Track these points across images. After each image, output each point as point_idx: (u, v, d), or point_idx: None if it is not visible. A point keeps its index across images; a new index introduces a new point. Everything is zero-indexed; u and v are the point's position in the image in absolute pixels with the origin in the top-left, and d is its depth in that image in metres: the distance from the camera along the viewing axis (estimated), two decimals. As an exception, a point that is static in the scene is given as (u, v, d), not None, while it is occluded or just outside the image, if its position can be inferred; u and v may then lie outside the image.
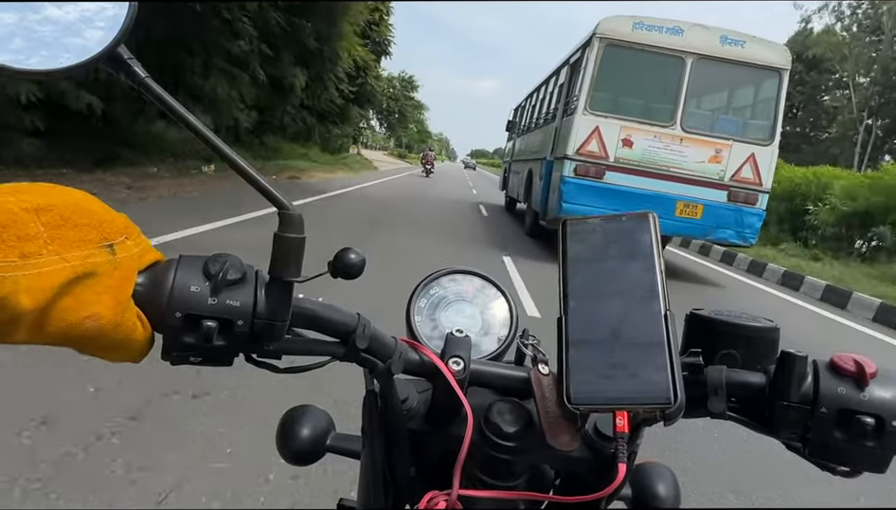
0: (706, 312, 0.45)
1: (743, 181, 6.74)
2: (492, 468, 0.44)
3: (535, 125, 10.48)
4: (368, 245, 6.10)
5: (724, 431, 2.52)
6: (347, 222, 8.06)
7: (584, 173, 6.80)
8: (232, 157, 0.35)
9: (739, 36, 6.66)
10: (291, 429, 0.54)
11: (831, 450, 0.40)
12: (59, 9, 0.34)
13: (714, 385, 0.41)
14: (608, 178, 6.79)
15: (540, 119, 10.05)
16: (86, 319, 0.32)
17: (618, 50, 6.70)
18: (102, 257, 0.32)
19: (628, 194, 6.77)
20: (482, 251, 7.16)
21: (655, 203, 6.77)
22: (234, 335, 0.35)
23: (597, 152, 6.78)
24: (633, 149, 6.76)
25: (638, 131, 6.73)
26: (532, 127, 10.85)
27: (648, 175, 6.77)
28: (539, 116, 10.29)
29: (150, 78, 0.34)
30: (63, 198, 0.32)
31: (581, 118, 6.75)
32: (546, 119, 9.20)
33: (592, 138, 6.77)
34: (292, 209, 0.36)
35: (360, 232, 7.29)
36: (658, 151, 6.74)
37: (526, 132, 11.79)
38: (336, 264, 0.37)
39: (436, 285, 0.55)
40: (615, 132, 6.73)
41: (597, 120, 6.74)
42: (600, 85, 6.80)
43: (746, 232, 6.86)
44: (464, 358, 0.44)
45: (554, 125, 8.21)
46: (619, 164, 6.76)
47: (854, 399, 0.39)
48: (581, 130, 6.77)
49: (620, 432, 0.36)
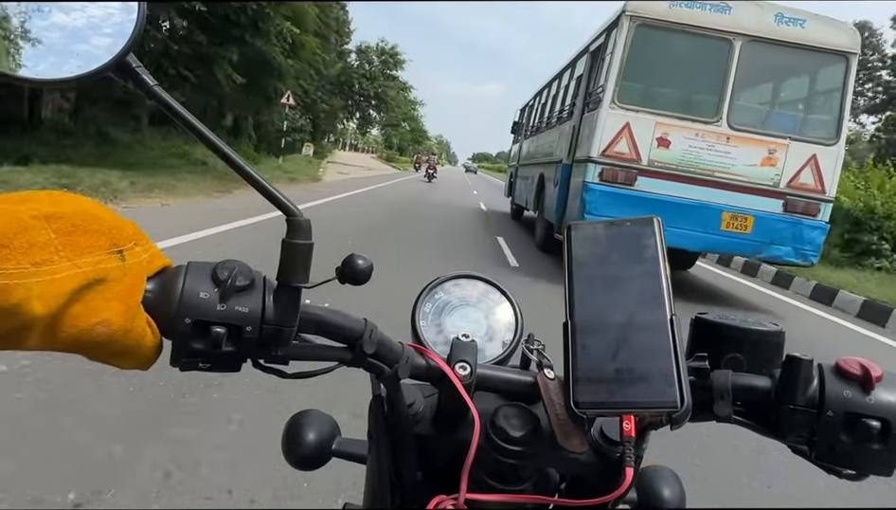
0: (711, 316, 0.46)
1: (803, 188, 5.61)
2: (499, 472, 0.44)
3: (547, 125, 9.33)
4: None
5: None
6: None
7: (612, 178, 5.69)
8: (239, 163, 0.36)
9: (798, 14, 5.54)
10: (296, 434, 0.55)
11: (837, 454, 0.40)
12: (66, 16, 0.34)
13: (720, 389, 0.41)
14: (640, 185, 5.68)
15: (553, 118, 8.91)
16: (97, 325, 0.32)
17: (651, 31, 5.60)
18: (112, 263, 0.33)
19: (664, 204, 5.66)
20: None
21: (697, 214, 5.68)
22: (243, 340, 0.36)
23: (627, 153, 5.67)
24: (670, 149, 5.64)
25: (677, 128, 5.62)
26: (543, 127, 9.72)
27: (688, 181, 5.65)
28: (552, 114, 9.14)
29: (158, 86, 0.34)
30: (73, 205, 0.32)
31: (607, 112, 5.64)
32: (561, 117, 8.07)
33: (621, 137, 5.66)
34: (300, 216, 0.36)
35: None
36: (700, 152, 5.63)
37: (535, 133, 10.64)
38: (344, 270, 0.38)
39: (440, 290, 0.55)
40: (648, 129, 5.62)
41: (627, 116, 5.63)
42: (630, 74, 5.69)
43: (806, 249, 5.73)
44: (470, 363, 0.45)
45: (571, 123, 7.10)
46: (654, 168, 5.65)
47: (860, 402, 0.39)
48: (607, 127, 5.66)
49: (627, 436, 0.37)
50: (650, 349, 0.38)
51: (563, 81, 8.79)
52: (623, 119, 5.64)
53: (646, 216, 0.42)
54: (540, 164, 9.05)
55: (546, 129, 9.34)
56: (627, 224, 0.43)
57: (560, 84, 8.96)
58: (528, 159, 10.93)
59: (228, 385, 2.34)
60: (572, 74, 8.00)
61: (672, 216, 5.69)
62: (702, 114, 5.65)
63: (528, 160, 10.90)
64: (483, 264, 6.36)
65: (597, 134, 5.69)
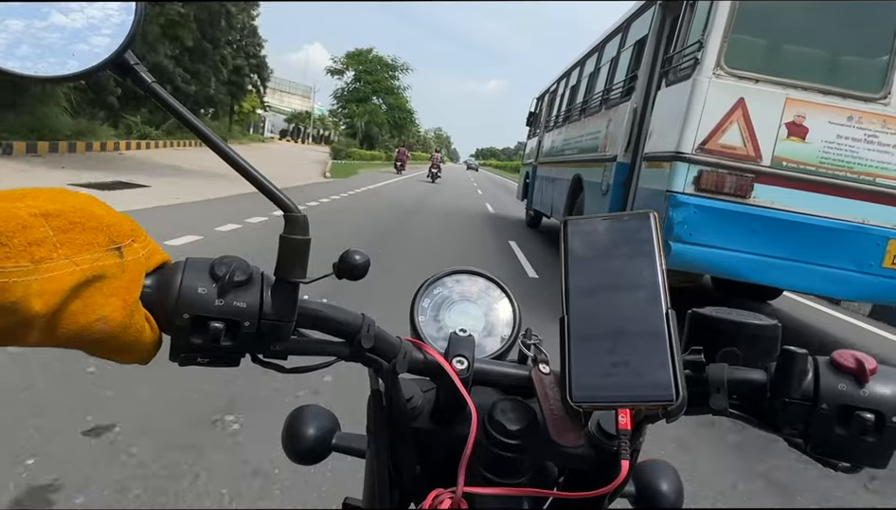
0: (707, 310, 0.45)
1: None
2: (497, 466, 0.44)
3: (583, 111, 7.20)
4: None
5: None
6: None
7: (715, 186, 3.63)
8: (237, 160, 0.36)
9: None
10: (296, 429, 0.55)
11: (832, 446, 0.40)
12: (65, 17, 0.35)
13: (716, 382, 0.41)
14: (759, 196, 3.63)
15: (593, 101, 6.77)
16: (96, 322, 0.32)
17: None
18: (111, 260, 0.33)
19: (795, 227, 3.61)
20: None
21: (847, 244, 3.64)
22: (241, 335, 0.36)
23: (739, 147, 3.62)
24: (807, 142, 3.59)
25: (818, 107, 3.57)
26: (577, 114, 7.59)
27: (833, 192, 3.61)
28: (590, 96, 7.01)
29: (156, 83, 0.35)
30: (71, 202, 0.32)
31: (709, 83, 3.59)
32: (609, 99, 5.96)
33: (730, 121, 3.60)
34: (297, 212, 0.36)
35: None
36: (855, 146, 3.58)
37: (564, 122, 8.49)
38: (341, 266, 0.38)
39: (439, 285, 0.55)
40: (774, 108, 3.58)
41: (740, 88, 3.58)
42: (745, 22, 3.63)
43: None
44: (468, 357, 0.45)
45: (630, 105, 5.01)
46: (782, 170, 3.61)
47: (855, 395, 0.39)
48: (709, 106, 3.60)
49: (623, 430, 0.36)
50: (646, 343, 0.38)
51: (606, 52, 6.67)
52: (734, 94, 3.58)
53: (642, 210, 0.42)
54: (574, 162, 6.95)
55: (582, 116, 7.21)
56: (624, 218, 0.43)
57: (602, 57, 6.84)
58: (553, 156, 8.81)
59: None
60: (623, 40, 5.90)
61: (808, 246, 3.63)
62: (858, 86, 3.59)
63: (552, 157, 8.77)
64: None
65: (690, 117, 3.63)
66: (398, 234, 7.58)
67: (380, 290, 3.33)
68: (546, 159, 9.38)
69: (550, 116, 10.01)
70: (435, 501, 0.42)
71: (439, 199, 15.19)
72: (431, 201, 14.30)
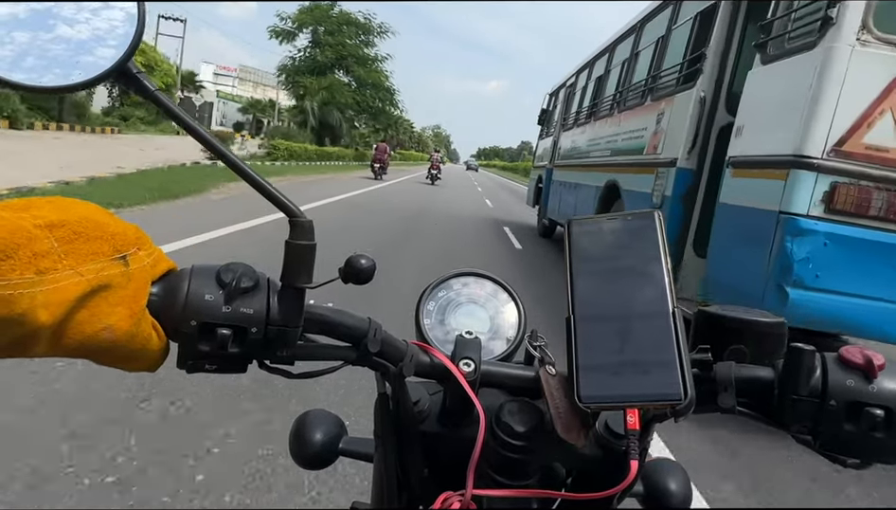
0: (714, 308, 0.45)
1: None
2: (505, 468, 0.43)
3: (617, 105, 6.00)
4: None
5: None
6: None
7: (857, 205, 2.48)
8: (240, 165, 0.36)
9: None
10: (303, 434, 0.55)
11: (841, 443, 0.39)
12: (71, 28, 0.35)
13: (723, 380, 0.40)
14: (919, 222, 2.47)
15: (631, 93, 5.58)
16: (102, 331, 0.32)
17: None
18: (116, 269, 0.33)
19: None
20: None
21: None
22: (248, 342, 0.36)
23: (888, 148, 2.46)
24: None
25: None
26: (606, 109, 6.40)
27: None
28: (627, 86, 5.80)
29: (159, 91, 0.35)
30: (75, 212, 0.33)
31: (851, 53, 2.44)
32: (657, 88, 4.77)
33: (881, 111, 2.44)
34: (302, 216, 0.36)
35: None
36: None
37: (588, 119, 7.26)
38: (347, 270, 0.38)
39: (444, 288, 0.55)
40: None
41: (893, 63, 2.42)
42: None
43: None
44: (475, 360, 0.45)
45: (694, 94, 3.85)
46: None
47: (864, 391, 0.38)
48: (850, 87, 2.45)
49: (632, 430, 0.36)
50: (652, 342, 0.37)
51: (647, 32, 5.49)
52: (890, 69, 2.42)
53: (647, 210, 0.42)
54: (606, 166, 5.80)
55: (616, 111, 6.00)
56: (628, 218, 0.42)
57: (641, 39, 5.65)
58: (574, 158, 7.58)
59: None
60: (675, 14, 4.72)
61: None
62: None
63: (574, 159, 7.56)
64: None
65: (820, 104, 2.47)
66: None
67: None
68: (565, 162, 8.17)
69: (569, 112, 8.72)
70: (444, 504, 0.42)
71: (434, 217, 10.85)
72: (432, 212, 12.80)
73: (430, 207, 12.76)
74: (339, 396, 2.42)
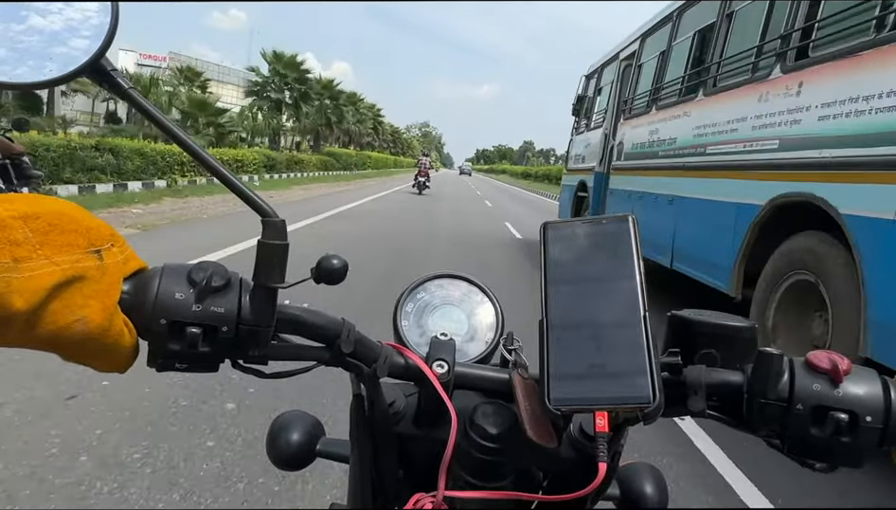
0: (686, 313, 0.45)
1: None
2: (478, 469, 0.43)
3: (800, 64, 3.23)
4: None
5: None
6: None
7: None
8: (214, 165, 0.37)
9: None
10: (280, 436, 0.55)
11: (808, 446, 0.40)
12: (43, 19, 0.34)
13: (694, 384, 0.41)
14: None
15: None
16: (75, 323, 0.32)
17: None
18: (90, 262, 0.33)
19: None
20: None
21: None
22: (219, 341, 0.36)
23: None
24: None
25: None
26: (768, 70, 3.53)
27: None
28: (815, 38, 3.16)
29: (133, 88, 0.35)
30: (49, 207, 0.33)
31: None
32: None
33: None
34: (275, 216, 0.36)
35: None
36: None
37: (689, 97, 4.71)
38: (319, 271, 0.38)
39: (422, 290, 0.55)
40: None
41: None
42: None
43: None
44: (448, 361, 0.45)
45: None
46: None
47: (828, 395, 0.39)
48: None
49: (601, 432, 0.36)
50: (624, 346, 0.38)
51: None
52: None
53: (621, 214, 0.42)
54: (782, 168, 3.22)
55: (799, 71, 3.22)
56: (602, 222, 0.43)
57: None
58: (667, 156, 4.95)
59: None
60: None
61: None
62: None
63: (668, 158, 4.92)
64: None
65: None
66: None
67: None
68: (637, 163, 5.69)
69: (635, 93, 6.04)
70: (416, 505, 0.42)
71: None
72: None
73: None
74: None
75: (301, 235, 7.40)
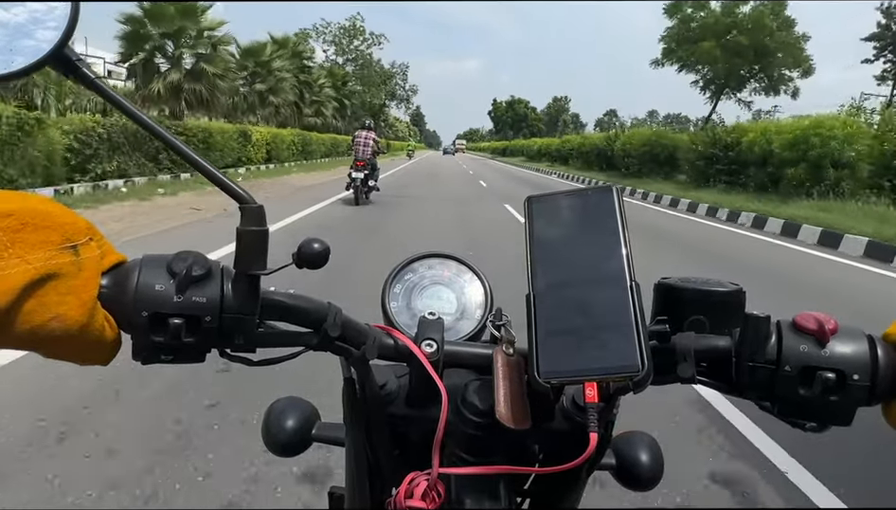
0: (673, 280, 0.45)
1: None
2: (472, 446, 0.44)
3: None
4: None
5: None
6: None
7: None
8: (188, 153, 0.37)
9: None
10: (276, 421, 0.55)
11: (797, 407, 0.40)
12: (6, 12, 0.34)
13: (683, 351, 0.41)
14: None
15: None
16: (51, 321, 0.32)
17: None
18: (65, 258, 0.33)
19: None
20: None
21: None
22: (202, 331, 0.36)
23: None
24: None
25: None
26: None
27: None
28: None
29: (100, 78, 0.35)
30: (22, 203, 0.32)
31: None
32: None
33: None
34: (253, 202, 0.36)
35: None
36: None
37: None
38: (301, 255, 0.38)
39: (409, 271, 0.55)
40: None
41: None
42: None
43: None
44: (437, 340, 0.45)
45: None
46: None
47: (816, 356, 0.39)
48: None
49: (591, 403, 0.36)
50: (611, 316, 0.37)
51: None
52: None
53: (605, 185, 0.42)
54: None
55: None
56: (587, 193, 0.42)
57: None
58: None
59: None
60: None
61: None
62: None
63: None
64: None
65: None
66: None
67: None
68: None
69: None
70: (411, 484, 0.42)
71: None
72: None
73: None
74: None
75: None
